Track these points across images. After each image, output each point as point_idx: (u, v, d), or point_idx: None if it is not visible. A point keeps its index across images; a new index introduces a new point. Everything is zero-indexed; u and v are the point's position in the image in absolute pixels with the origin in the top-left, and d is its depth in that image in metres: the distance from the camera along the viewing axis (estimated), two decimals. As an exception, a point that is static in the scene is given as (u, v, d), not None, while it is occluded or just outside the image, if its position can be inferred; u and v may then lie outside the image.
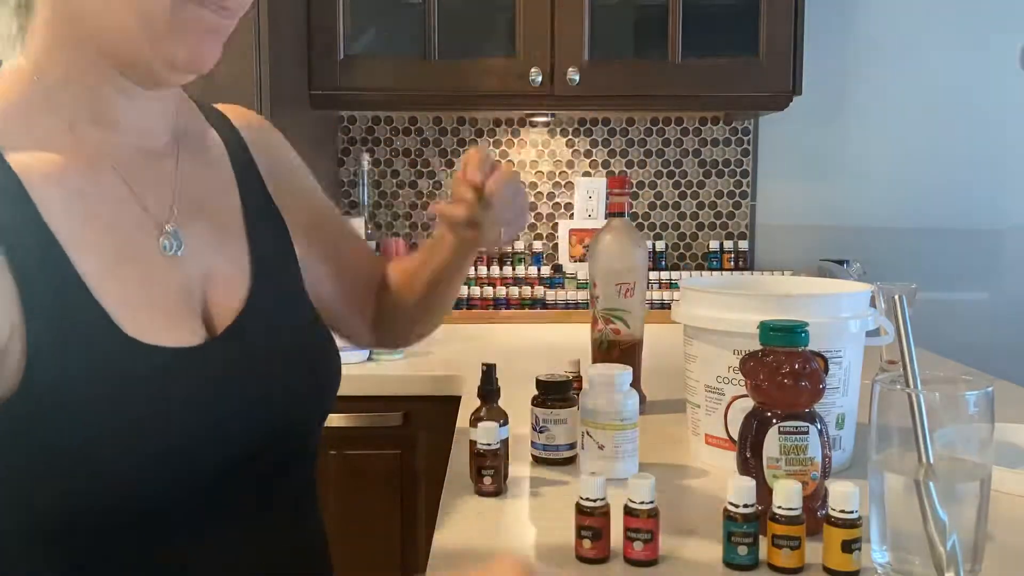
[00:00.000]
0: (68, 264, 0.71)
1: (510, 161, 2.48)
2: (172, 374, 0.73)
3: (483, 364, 1.11)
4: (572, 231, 2.39)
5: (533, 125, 2.47)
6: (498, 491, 1.00)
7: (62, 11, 0.75)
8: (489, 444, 0.99)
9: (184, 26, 0.72)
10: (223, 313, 0.80)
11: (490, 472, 0.99)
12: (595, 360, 1.32)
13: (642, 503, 0.81)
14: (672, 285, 2.28)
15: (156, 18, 0.71)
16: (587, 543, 0.82)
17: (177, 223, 0.80)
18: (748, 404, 0.90)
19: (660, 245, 2.44)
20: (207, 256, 0.81)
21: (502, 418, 1.06)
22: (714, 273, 2.41)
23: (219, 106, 0.94)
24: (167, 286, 0.77)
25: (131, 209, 0.78)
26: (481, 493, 1.00)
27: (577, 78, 2.08)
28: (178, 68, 0.75)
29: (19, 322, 0.67)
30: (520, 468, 1.09)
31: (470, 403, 1.47)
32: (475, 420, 1.07)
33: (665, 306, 2.19)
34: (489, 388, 1.10)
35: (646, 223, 2.49)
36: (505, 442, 1.03)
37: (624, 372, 1.04)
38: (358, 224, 2.21)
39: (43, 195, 0.71)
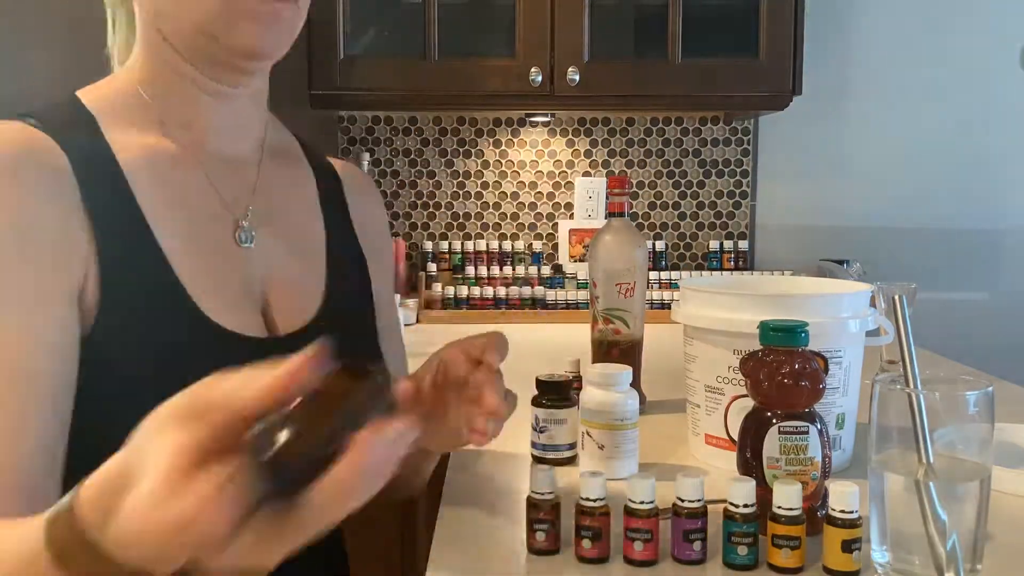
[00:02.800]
0: (150, 234, 0.76)
1: (510, 161, 2.48)
2: (234, 356, 0.76)
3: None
4: (572, 231, 2.40)
5: (533, 125, 2.47)
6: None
7: (143, 19, 0.81)
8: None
9: (234, 18, 0.76)
10: (286, 317, 0.84)
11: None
12: (595, 360, 1.32)
13: (642, 503, 0.81)
14: (672, 285, 2.28)
15: (208, 16, 0.76)
16: (587, 543, 0.82)
17: (251, 220, 0.85)
18: (748, 404, 0.90)
19: (660, 245, 2.44)
20: (276, 260, 0.86)
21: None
22: (714, 273, 2.41)
23: (331, 159, 1.01)
24: (236, 276, 0.82)
25: (211, 200, 0.83)
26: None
27: (577, 78, 2.08)
28: (247, 56, 0.79)
29: (95, 272, 0.72)
30: (521, 468, 1.09)
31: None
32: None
33: (665, 306, 2.19)
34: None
35: (646, 223, 2.49)
36: None
37: (624, 372, 1.04)
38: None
39: (133, 172, 0.77)
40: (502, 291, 2.26)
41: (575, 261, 2.36)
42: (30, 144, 0.73)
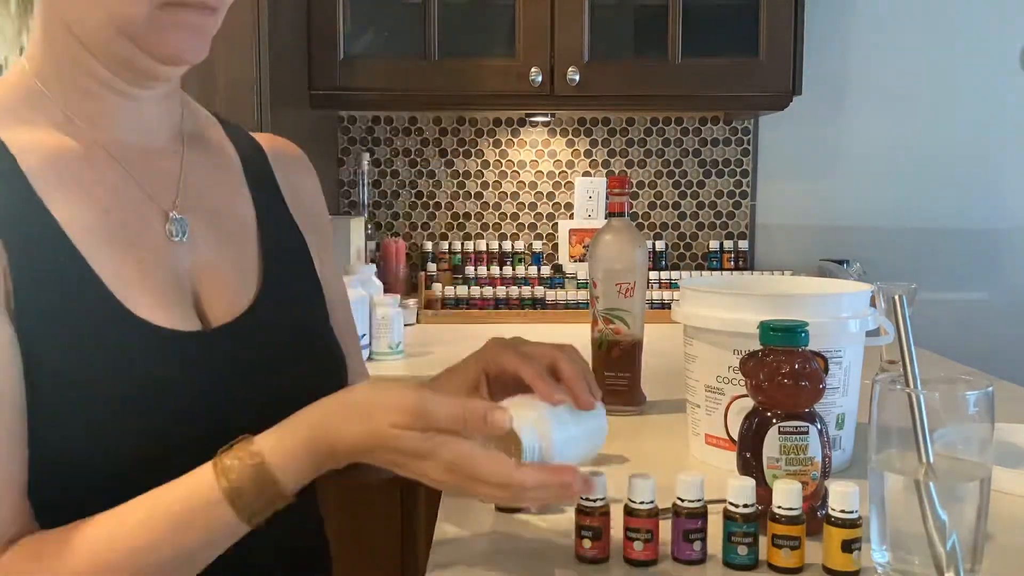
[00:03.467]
0: (64, 237, 0.73)
1: (510, 161, 2.48)
2: (165, 353, 0.75)
3: None
4: (572, 231, 2.39)
5: (533, 125, 2.47)
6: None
7: (50, 15, 0.77)
8: None
9: (165, 25, 0.74)
10: (219, 308, 0.81)
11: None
12: (595, 360, 1.32)
13: (642, 503, 0.81)
14: (672, 285, 2.28)
15: (135, 22, 0.73)
16: (587, 543, 0.82)
17: (181, 212, 0.82)
18: (748, 404, 0.90)
19: (660, 245, 2.44)
20: (205, 250, 0.83)
21: None
22: (714, 273, 2.40)
23: (255, 134, 0.97)
24: (163, 270, 0.79)
25: (131, 194, 0.80)
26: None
27: (577, 78, 2.08)
28: (165, 63, 0.77)
29: (10, 281, 0.70)
30: (520, 468, 1.08)
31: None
32: None
33: (665, 306, 2.19)
34: None
35: (646, 223, 2.49)
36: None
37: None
38: (358, 224, 2.21)
39: (38, 174, 0.74)
40: (502, 291, 2.26)
41: (575, 261, 2.36)
42: None
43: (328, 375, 0.89)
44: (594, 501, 0.82)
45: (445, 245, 2.42)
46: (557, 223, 2.46)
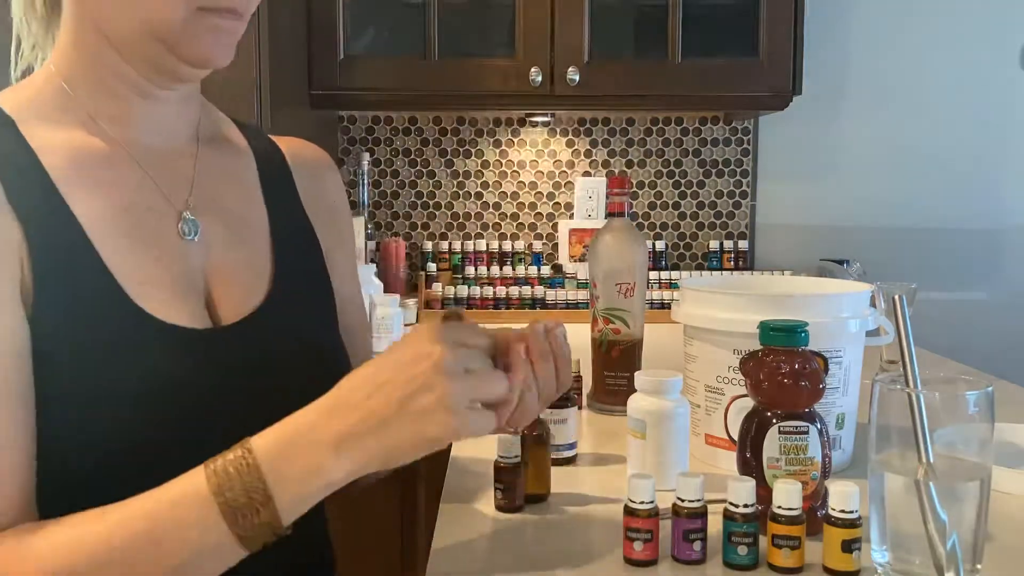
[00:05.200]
0: (82, 233, 0.75)
1: (510, 161, 2.48)
2: (174, 350, 0.76)
3: None
4: (572, 231, 2.39)
5: (533, 125, 2.47)
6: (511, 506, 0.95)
7: (81, 15, 0.79)
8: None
9: (198, 30, 0.76)
10: (230, 307, 0.82)
11: (500, 487, 0.95)
12: (595, 360, 1.32)
13: (642, 503, 0.81)
14: (672, 285, 2.28)
15: (169, 26, 0.76)
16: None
17: (194, 212, 0.84)
18: (748, 404, 0.90)
19: (660, 245, 2.44)
20: (218, 250, 0.84)
21: (544, 430, 1.00)
22: (714, 273, 2.40)
23: (275, 137, 0.98)
24: (177, 268, 0.80)
25: (147, 194, 0.81)
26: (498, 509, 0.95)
27: (577, 78, 2.08)
28: (194, 65, 0.80)
29: (29, 274, 0.71)
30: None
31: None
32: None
33: (665, 306, 2.19)
34: None
35: (646, 223, 2.49)
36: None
37: (675, 379, 1.01)
38: (358, 224, 2.21)
39: (59, 172, 0.76)
40: (502, 291, 2.26)
41: (575, 261, 2.36)
42: None
43: (332, 380, 0.89)
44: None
45: (445, 245, 2.42)
46: (557, 223, 2.46)
